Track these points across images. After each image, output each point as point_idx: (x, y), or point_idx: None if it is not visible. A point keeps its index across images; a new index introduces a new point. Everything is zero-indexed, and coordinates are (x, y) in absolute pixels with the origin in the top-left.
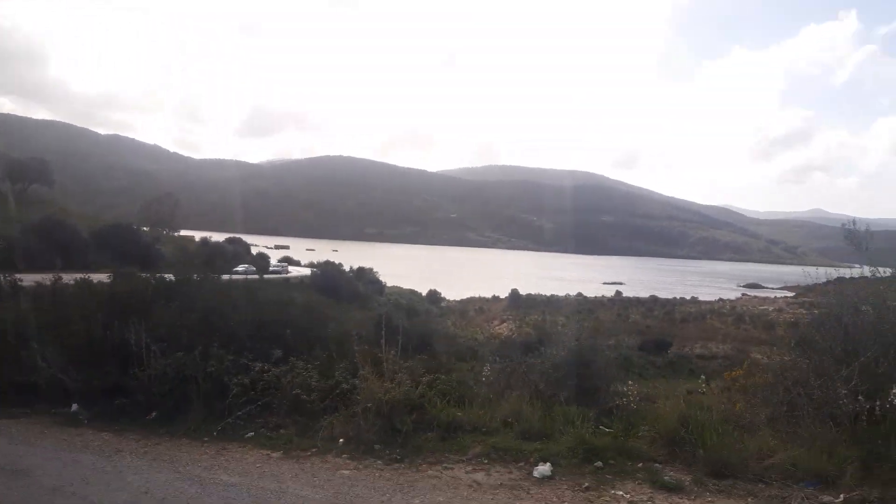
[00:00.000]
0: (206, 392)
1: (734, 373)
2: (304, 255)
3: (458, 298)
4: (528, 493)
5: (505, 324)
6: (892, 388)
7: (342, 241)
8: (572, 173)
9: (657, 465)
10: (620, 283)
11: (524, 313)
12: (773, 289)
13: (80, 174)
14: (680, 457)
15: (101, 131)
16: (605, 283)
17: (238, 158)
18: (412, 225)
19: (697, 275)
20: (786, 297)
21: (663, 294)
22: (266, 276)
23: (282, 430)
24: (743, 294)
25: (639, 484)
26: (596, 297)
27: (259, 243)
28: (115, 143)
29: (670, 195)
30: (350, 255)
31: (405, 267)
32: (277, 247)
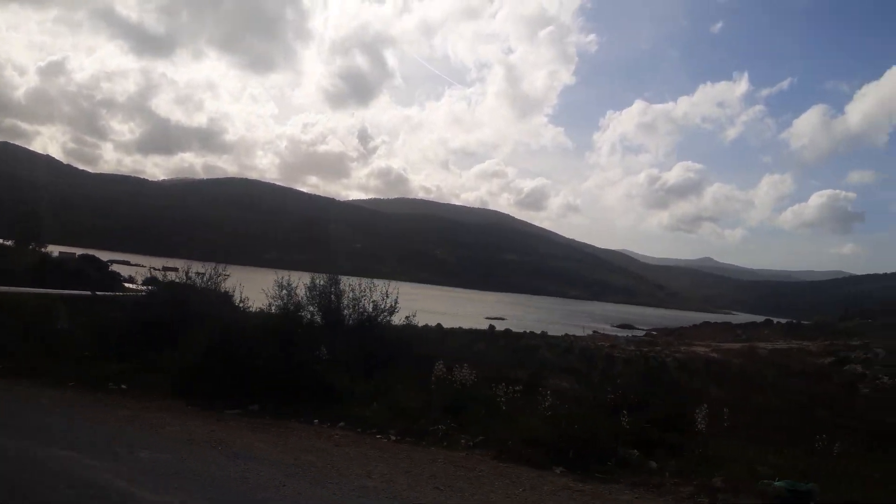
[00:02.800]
0: None
1: None
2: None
3: None
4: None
5: None
6: None
7: (240, 265)
8: (480, 211)
9: None
10: (502, 319)
11: None
12: (641, 328)
13: None
14: None
15: None
16: (487, 318)
17: (138, 175)
18: (315, 253)
19: (579, 314)
20: (634, 336)
21: (531, 328)
22: None
23: None
24: (594, 332)
25: None
26: (463, 329)
27: (147, 264)
28: (2, 151)
29: (571, 237)
30: (236, 280)
31: None
32: (166, 268)
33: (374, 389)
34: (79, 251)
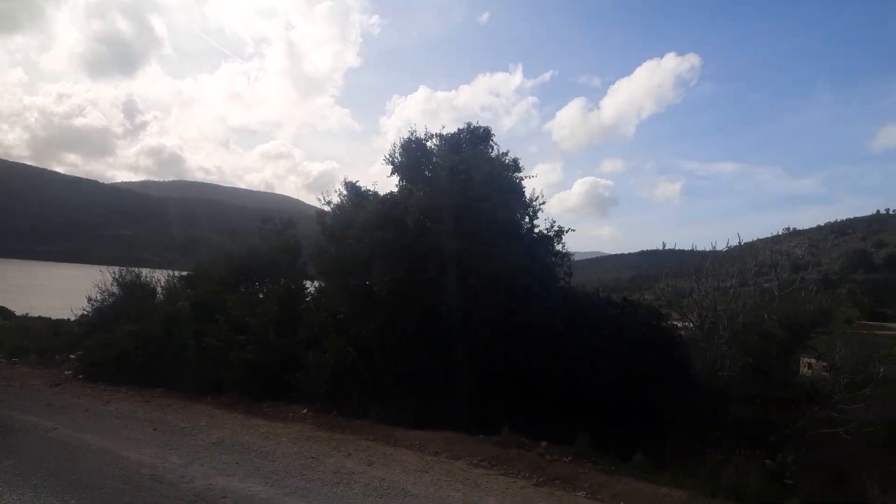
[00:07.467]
0: None
1: None
2: None
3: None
4: None
5: None
6: None
7: None
8: (267, 195)
9: None
10: None
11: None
12: None
13: None
14: None
15: None
16: None
17: None
18: (73, 242)
19: None
20: None
21: None
22: None
23: None
24: None
25: None
26: None
27: None
28: None
29: None
30: None
31: (24, 287)
32: None
33: None
34: None
